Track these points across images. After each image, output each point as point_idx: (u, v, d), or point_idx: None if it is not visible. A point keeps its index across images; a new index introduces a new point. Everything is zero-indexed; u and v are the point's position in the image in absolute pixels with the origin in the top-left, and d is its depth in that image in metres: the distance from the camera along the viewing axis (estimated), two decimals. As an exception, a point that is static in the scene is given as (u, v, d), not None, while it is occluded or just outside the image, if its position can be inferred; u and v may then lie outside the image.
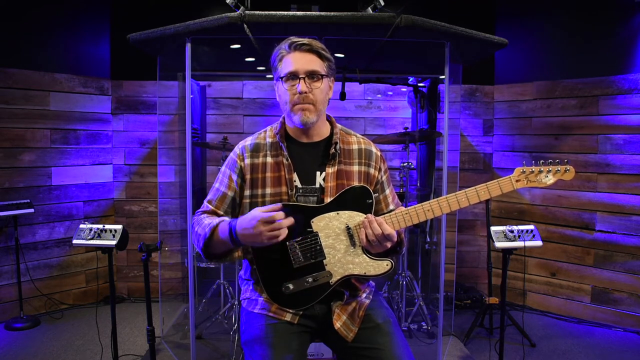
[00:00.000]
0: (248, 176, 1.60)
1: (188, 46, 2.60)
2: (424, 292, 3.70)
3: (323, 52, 1.56)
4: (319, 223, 1.53)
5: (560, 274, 3.78)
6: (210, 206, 1.65)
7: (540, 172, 1.48)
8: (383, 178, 1.70)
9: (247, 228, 1.40)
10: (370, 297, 1.66)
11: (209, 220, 1.56)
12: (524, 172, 1.48)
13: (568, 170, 1.48)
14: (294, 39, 1.54)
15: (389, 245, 1.51)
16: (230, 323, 3.22)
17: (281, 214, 1.39)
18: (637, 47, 3.40)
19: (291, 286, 1.52)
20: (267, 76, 4.06)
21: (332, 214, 1.53)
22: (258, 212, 1.40)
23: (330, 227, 1.53)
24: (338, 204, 1.54)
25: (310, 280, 1.52)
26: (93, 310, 3.68)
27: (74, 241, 2.45)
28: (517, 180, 1.48)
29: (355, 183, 1.61)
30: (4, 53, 3.46)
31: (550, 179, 1.48)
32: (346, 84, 3.30)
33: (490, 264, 3.30)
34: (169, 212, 3.98)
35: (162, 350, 3.04)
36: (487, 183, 1.47)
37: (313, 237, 1.53)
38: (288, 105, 1.55)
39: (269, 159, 1.60)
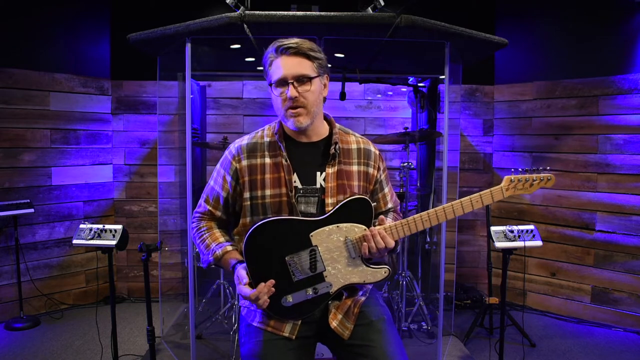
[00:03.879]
0: (246, 178, 1.58)
1: (188, 46, 2.60)
2: (424, 292, 3.70)
3: (311, 52, 1.51)
4: (318, 237, 1.52)
5: (560, 274, 3.78)
6: (207, 206, 1.68)
7: (527, 180, 1.62)
8: (382, 177, 1.71)
9: (236, 286, 1.52)
10: (367, 294, 1.67)
11: (211, 240, 1.62)
12: (512, 181, 1.61)
13: (550, 179, 1.65)
14: (280, 42, 1.50)
15: (386, 253, 1.55)
16: (230, 323, 3.21)
17: (263, 300, 1.46)
18: (637, 47, 3.40)
19: (291, 299, 1.51)
20: (267, 76, 4.06)
21: (332, 226, 1.52)
22: (245, 288, 1.46)
23: (330, 240, 1.52)
24: (338, 217, 1.52)
25: (310, 292, 1.52)
26: (93, 310, 3.68)
27: (74, 241, 2.46)
28: (506, 189, 1.61)
29: (355, 183, 1.62)
30: (4, 53, 3.46)
31: (533, 187, 1.64)
32: (346, 84, 3.29)
33: (490, 264, 3.30)
34: (169, 212, 3.98)
35: (162, 350, 3.04)
36: (481, 192, 1.58)
37: (312, 251, 1.52)
38: (281, 111, 1.54)
39: (267, 160, 1.58)
